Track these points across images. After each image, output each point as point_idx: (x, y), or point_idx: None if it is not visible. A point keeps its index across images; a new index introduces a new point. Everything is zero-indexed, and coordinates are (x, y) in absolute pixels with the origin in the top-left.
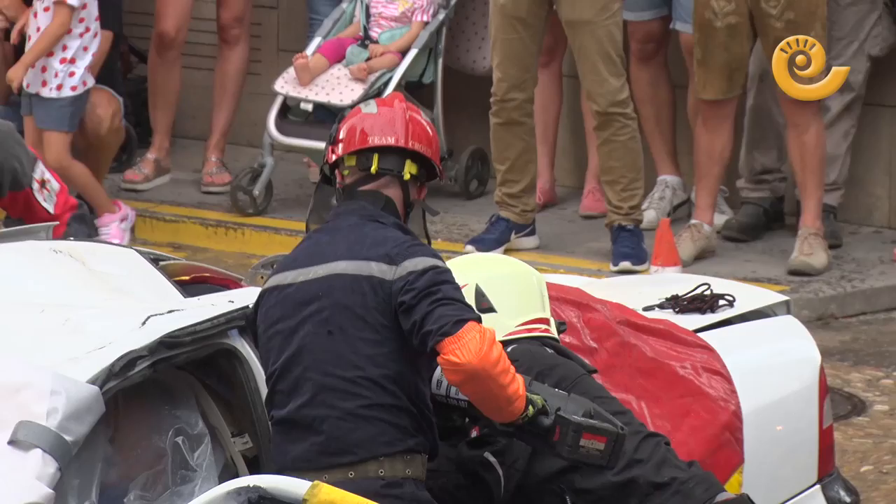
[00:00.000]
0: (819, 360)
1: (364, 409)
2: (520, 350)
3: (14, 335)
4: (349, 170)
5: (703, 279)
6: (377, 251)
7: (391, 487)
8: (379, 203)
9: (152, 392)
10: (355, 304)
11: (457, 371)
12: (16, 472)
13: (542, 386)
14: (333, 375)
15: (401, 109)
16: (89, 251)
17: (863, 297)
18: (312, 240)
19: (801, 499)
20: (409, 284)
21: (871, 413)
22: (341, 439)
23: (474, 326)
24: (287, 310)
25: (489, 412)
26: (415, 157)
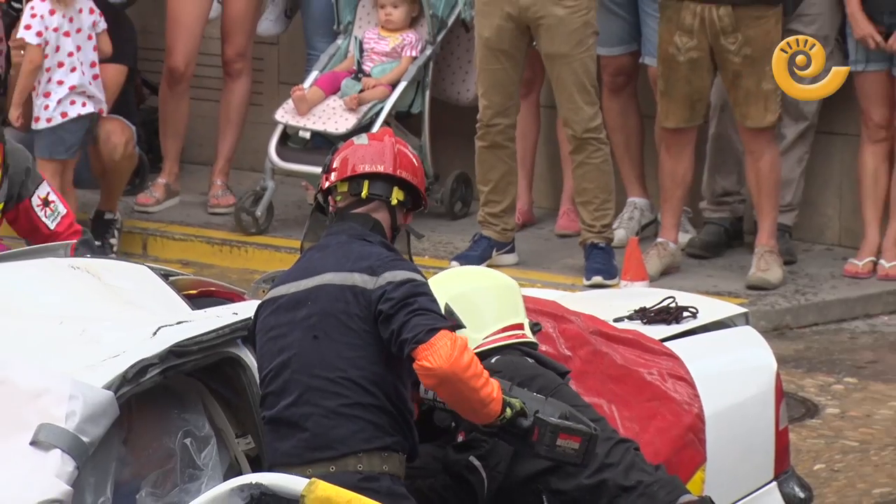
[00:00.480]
0: (775, 367)
1: (345, 407)
2: (502, 361)
3: (35, 344)
4: (341, 195)
5: (669, 293)
6: (360, 264)
7: (368, 481)
8: (368, 225)
9: (162, 397)
10: (339, 311)
11: (430, 375)
12: (37, 470)
13: (522, 390)
14: (318, 377)
15: (390, 142)
16: (104, 267)
17: (815, 309)
18: (306, 257)
19: (758, 495)
20: (387, 294)
21: (824, 416)
22: (324, 436)
23: (446, 334)
24: (280, 318)
25: (465, 414)
26: (402, 184)
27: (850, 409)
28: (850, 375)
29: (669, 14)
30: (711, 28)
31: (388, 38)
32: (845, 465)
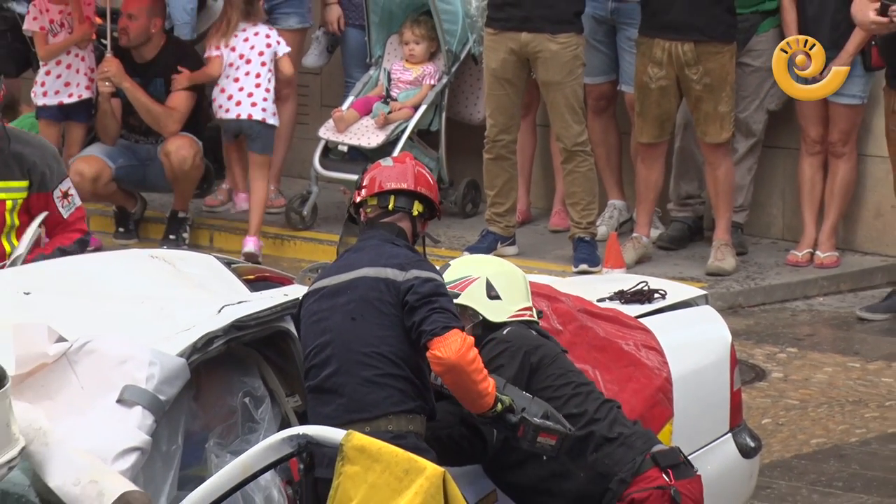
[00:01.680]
0: (730, 339)
1: (378, 376)
2: (514, 332)
3: (121, 320)
4: (371, 208)
5: (642, 278)
6: (392, 261)
7: (397, 439)
8: (394, 231)
9: (226, 363)
10: (374, 298)
11: (440, 363)
12: (122, 423)
13: (514, 389)
14: (355, 351)
15: (410, 164)
16: (178, 257)
17: (763, 291)
18: (344, 257)
19: (716, 444)
20: (415, 287)
21: (770, 379)
22: (360, 401)
23: (458, 332)
24: (322, 304)
25: (463, 401)
26: (421, 198)
27: (792, 373)
28: (792, 346)
29: (643, 49)
30: (678, 61)
31: (412, 70)
32: (788, 420)
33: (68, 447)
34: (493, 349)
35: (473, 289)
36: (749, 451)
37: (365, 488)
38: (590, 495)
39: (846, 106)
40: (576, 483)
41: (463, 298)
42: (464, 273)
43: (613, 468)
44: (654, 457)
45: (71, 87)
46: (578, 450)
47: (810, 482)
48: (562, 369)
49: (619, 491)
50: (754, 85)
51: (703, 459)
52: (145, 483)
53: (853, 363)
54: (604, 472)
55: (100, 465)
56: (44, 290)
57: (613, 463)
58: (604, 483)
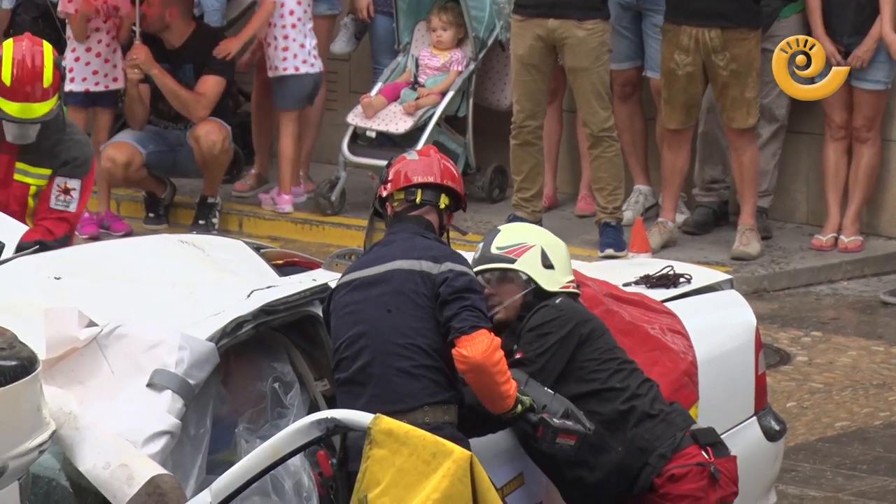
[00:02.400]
0: (755, 323)
1: (413, 367)
2: (566, 302)
3: (151, 305)
4: (398, 202)
5: (668, 263)
6: (426, 253)
7: (435, 430)
8: (422, 224)
9: (255, 348)
10: (409, 290)
11: (465, 362)
12: (152, 407)
13: (536, 385)
14: (390, 342)
15: (436, 157)
16: (207, 242)
17: (787, 276)
18: (374, 251)
19: (741, 427)
20: (449, 280)
21: (794, 363)
22: (395, 392)
23: (486, 333)
24: (354, 297)
25: (485, 401)
26: (447, 191)
27: (816, 357)
28: (816, 330)
29: (670, 36)
30: (704, 48)
31: (439, 56)
32: (812, 404)
33: (98, 431)
34: (546, 315)
35: (529, 256)
36: (774, 435)
37: (392, 471)
38: (627, 469)
39: (870, 91)
40: (614, 457)
41: (519, 264)
42: (519, 240)
43: (654, 443)
44: (694, 434)
45: (98, 75)
46: (618, 424)
47: (835, 465)
48: (608, 345)
49: (659, 466)
50: None
51: (728, 442)
52: (174, 467)
53: (877, 347)
54: (643, 447)
55: (129, 448)
56: (74, 274)
57: (654, 438)
58: (643, 458)
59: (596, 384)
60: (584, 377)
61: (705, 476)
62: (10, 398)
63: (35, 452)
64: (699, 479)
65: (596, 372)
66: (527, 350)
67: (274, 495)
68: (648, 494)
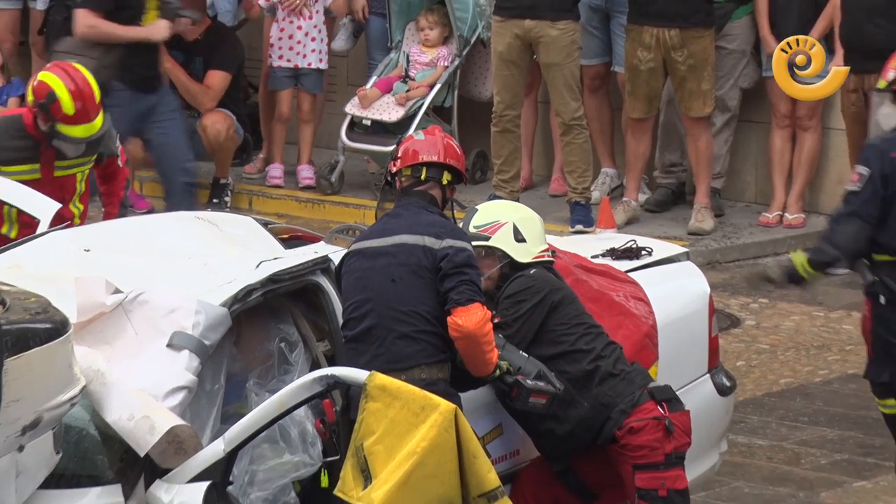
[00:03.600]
0: (708, 291)
1: (413, 332)
2: (539, 273)
3: (171, 275)
4: (406, 177)
5: (631, 237)
6: (429, 229)
7: (430, 386)
8: (426, 199)
9: (263, 313)
10: (413, 263)
11: (459, 330)
12: (172, 365)
13: (512, 349)
14: (393, 309)
15: (440, 137)
16: (221, 219)
17: (737, 249)
18: (382, 221)
19: (696, 384)
20: (450, 256)
21: (743, 326)
22: (395, 353)
23: (480, 306)
24: (363, 264)
25: (469, 365)
26: (449, 168)
27: (763, 321)
28: (763, 297)
29: (633, 35)
30: (664, 45)
31: (427, 53)
32: (759, 363)
33: (123, 386)
34: (521, 284)
35: (502, 233)
36: (725, 390)
37: (386, 422)
38: (592, 422)
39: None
40: (580, 411)
41: (493, 241)
42: (493, 218)
43: (615, 399)
44: (651, 391)
45: None
46: (584, 382)
47: (779, 417)
48: (577, 311)
49: (619, 420)
50: (729, 65)
51: (684, 397)
52: (191, 418)
53: (817, 312)
54: (606, 402)
55: (151, 402)
56: (102, 247)
57: (616, 395)
58: (605, 412)
59: (565, 346)
60: (554, 340)
61: (661, 429)
62: (45, 357)
63: (67, 405)
64: (655, 431)
65: (565, 335)
66: (504, 315)
67: (282, 442)
68: (611, 445)
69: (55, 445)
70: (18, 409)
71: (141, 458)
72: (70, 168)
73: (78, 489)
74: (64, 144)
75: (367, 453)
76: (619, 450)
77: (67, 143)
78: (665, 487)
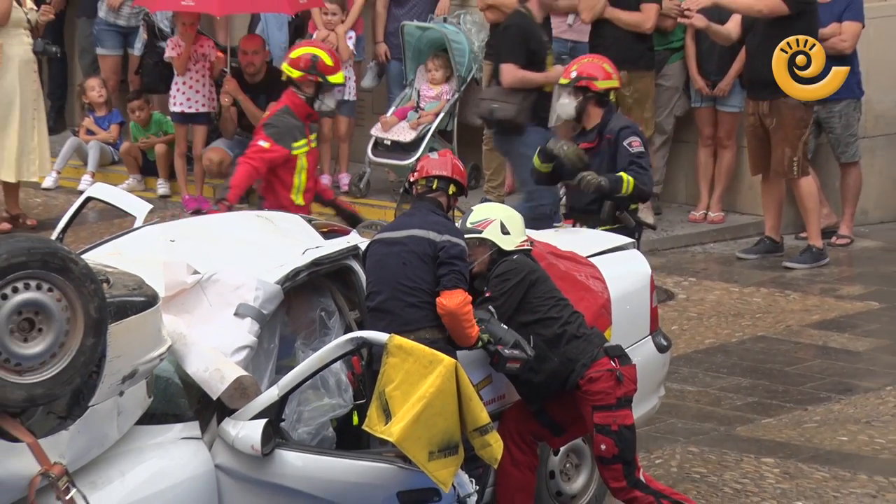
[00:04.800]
0: (650, 272)
1: (418, 302)
2: (521, 258)
3: (237, 259)
4: (420, 186)
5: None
6: (434, 226)
7: (433, 343)
8: (435, 204)
9: (308, 289)
10: (420, 251)
11: (443, 308)
12: (237, 329)
13: (496, 323)
14: (403, 285)
15: (449, 157)
16: (275, 216)
17: (672, 239)
18: (401, 218)
19: (640, 343)
20: (446, 249)
21: (677, 299)
22: (405, 318)
23: (462, 292)
24: (383, 250)
25: (454, 337)
26: (455, 182)
27: (692, 295)
28: (692, 276)
29: None
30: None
31: (434, 88)
32: (689, 327)
33: (200, 345)
34: (506, 267)
35: (491, 228)
36: (663, 348)
37: (402, 373)
38: (560, 373)
39: (729, 113)
40: (551, 365)
41: (485, 234)
42: (484, 216)
43: (578, 356)
44: (606, 349)
45: (191, 101)
46: (554, 343)
47: (704, 369)
48: (549, 287)
49: (582, 372)
50: (666, 98)
51: (632, 354)
52: (253, 370)
53: (734, 288)
54: (571, 358)
55: (222, 357)
56: (184, 238)
57: (579, 353)
58: (571, 366)
59: (540, 314)
60: (532, 309)
61: (613, 378)
62: (140, 323)
63: (157, 360)
64: (609, 380)
65: (540, 306)
66: (494, 291)
67: (322, 389)
68: (575, 391)
69: (148, 391)
70: (119, 363)
71: (213, 401)
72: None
73: (165, 425)
74: (327, 98)
75: (388, 397)
76: (581, 395)
77: (330, 94)
78: (616, 423)
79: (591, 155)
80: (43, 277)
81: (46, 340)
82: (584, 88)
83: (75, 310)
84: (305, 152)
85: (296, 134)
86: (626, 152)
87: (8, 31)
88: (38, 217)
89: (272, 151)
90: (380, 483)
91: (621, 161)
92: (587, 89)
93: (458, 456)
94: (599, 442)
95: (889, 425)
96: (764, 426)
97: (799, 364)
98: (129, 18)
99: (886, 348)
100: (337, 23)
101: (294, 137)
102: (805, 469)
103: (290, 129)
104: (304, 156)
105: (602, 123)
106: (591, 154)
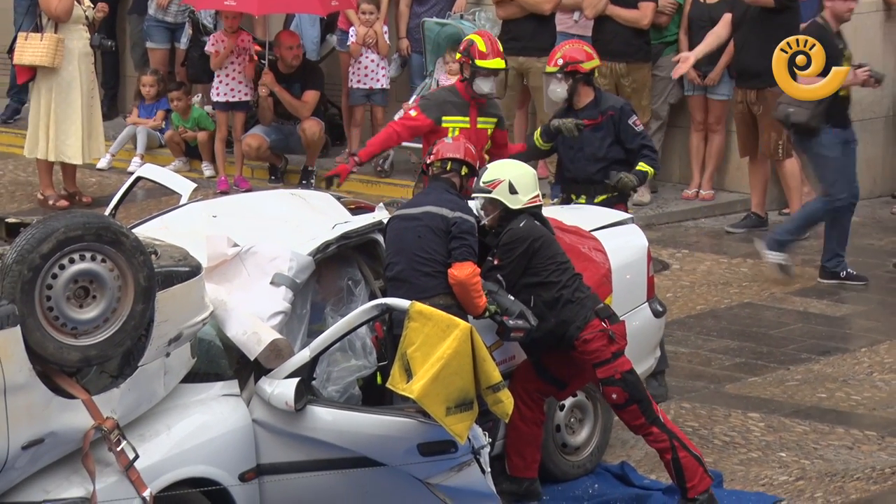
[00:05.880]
0: (647, 245)
1: (432, 271)
2: (527, 224)
3: (273, 233)
4: (436, 167)
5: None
6: (447, 204)
7: (447, 308)
8: (449, 184)
9: (337, 260)
10: (434, 225)
11: (454, 278)
12: (273, 295)
13: (503, 294)
14: (419, 256)
15: (462, 141)
16: (308, 194)
17: (667, 215)
18: (418, 196)
19: (638, 309)
20: (458, 224)
21: (672, 270)
22: (421, 286)
23: (471, 264)
24: (401, 225)
25: (464, 306)
26: (467, 164)
27: (685, 266)
28: (685, 248)
29: None
30: (615, 74)
31: (451, 78)
32: (682, 294)
33: (239, 311)
34: (513, 235)
35: (500, 188)
36: (658, 314)
37: (422, 336)
38: (558, 332)
39: (719, 100)
40: (550, 324)
41: (494, 194)
42: (495, 176)
43: (573, 318)
44: (597, 311)
45: (234, 91)
46: (553, 304)
47: (696, 332)
48: (551, 251)
49: (576, 334)
50: (661, 88)
51: (630, 318)
52: (287, 333)
53: (723, 259)
54: (567, 319)
55: (259, 322)
56: (225, 214)
57: (573, 315)
58: (567, 326)
59: (541, 277)
60: (534, 273)
61: (605, 337)
62: (185, 291)
63: (200, 324)
64: (602, 339)
65: (542, 270)
66: (501, 259)
67: (349, 351)
68: (572, 351)
69: (192, 352)
70: (166, 326)
71: (251, 362)
72: (484, 124)
73: (207, 383)
74: (482, 81)
75: (409, 358)
76: (579, 355)
77: (484, 77)
78: (618, 372)
79: (593, 130)
80: (97, 249)
81: (100, 307)
82: (572, 72)
83: (126, 279)
84: (459, 128)
85: (448, 108)
86: (633, 132)
87: (69, 27)
88: (92, 195)
89: (416, 120)
90: (402, 436)
91: (628, 139)
92: (576, 72)
93: (473, 411)
94: (610, 392)
95: (863, 383)
96: (750, 384)
97: (782, 328)
98: (176, 15)
99: (861, 314)
100: (374, 20)
101: (444, 111)
102: (787, 423)
103: (442, 103)
104: (456, 129)
105: (595, 101)
106: (594, 129)
